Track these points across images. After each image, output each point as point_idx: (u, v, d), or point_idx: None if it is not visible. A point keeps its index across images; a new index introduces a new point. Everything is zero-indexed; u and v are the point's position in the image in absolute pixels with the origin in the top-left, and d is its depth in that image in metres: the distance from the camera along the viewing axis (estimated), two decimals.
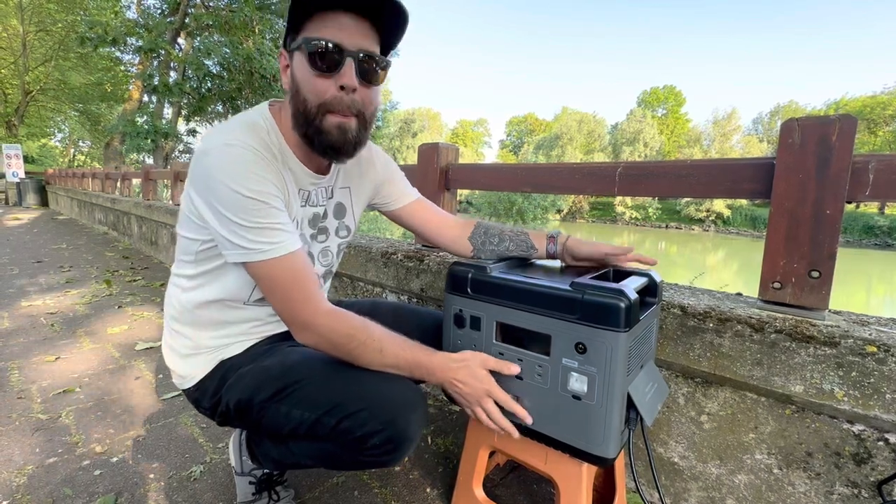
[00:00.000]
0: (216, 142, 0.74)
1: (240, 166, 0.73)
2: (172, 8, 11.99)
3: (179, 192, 4.50)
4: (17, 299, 2.90)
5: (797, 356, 0.91)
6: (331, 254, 1.00)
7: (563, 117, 52.03)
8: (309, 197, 0.91)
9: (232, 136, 0.75)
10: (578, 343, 0.76)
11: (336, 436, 0.77)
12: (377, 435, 0.75)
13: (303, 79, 0.76)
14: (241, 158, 0.74)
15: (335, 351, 0.80)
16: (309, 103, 0.77)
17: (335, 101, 0.76)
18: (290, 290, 0.76)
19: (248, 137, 0.76)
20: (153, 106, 12.74)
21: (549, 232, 1.01)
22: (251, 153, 0.75)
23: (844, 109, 40.56)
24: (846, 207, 0.97)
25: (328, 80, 0.75)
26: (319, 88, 0.76)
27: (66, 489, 1.14)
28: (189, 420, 1.48)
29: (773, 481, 0.98)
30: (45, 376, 1.78)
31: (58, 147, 34.91)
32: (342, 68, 0.75)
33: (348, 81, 0.75)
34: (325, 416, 0.77)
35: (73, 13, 14.99)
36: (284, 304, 0.78)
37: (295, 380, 0.81)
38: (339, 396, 0.77)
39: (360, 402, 0.76)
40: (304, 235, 0.92)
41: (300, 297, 0.77)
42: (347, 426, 0.75)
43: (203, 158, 0.74)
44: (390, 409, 0.76)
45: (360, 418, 0.75)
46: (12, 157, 12.56)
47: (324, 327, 0.78)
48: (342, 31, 0.74)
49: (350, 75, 0.75)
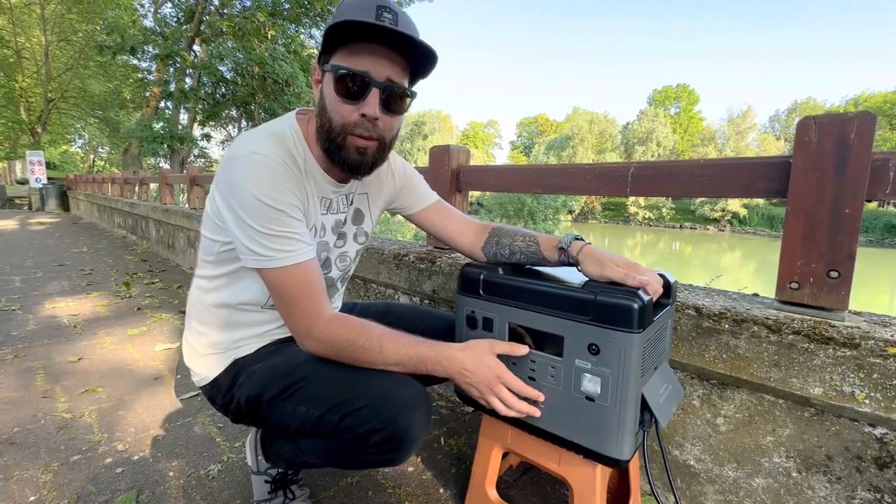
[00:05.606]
0: (244, 149, 0.78)
1: (263, 175, 0.76)
2: (188, 16, 12.24)
3: (195, 196, 4.58)
4: (41, 301, 2.99)
5: (816, 358, 0.90)
6: (348, 258, 1.03)
7: (574, 117, 51.75)
8: (331, 205, 0.94)
9: (259, 146, 0.78)
10: (592, 344, 0.76)
11: (339, 432, 0.79)
12: (378, 433, 0.76)
13: (330, 100, 0.79)
14: (266, 168, 0.77)
15: (337, 356, 0.82)
16: (333, 123, 0.80)
17: (357, 125, 0.79)
18: (297, 298, 0.79)
19: (274, 147, 0.80)
20: (170, 112, 13.00)
21: (561, 241, 0.89)
22: (276, 164, 0.78)
23: (864, 105, 39.54)
24: (867, 206, 0.95)
25: (352, 107, 0.78)
26: (344, 112, 0.79)
27: (90, 486, 1.17)
28: (206, 420, 1.51)
29: (792, 485, 0.97)
30: (69, 376, 1.83)
31: (78, 153, 35.86)
32: (367, 98, 0.77)
33: (371, 111, 0.78)
34: (329, 412, 0.79)
35: (93, 23, 15.41)
36: (290, 311, 0.81)
37: (301, 377, 0.84)
38: (343, 394, 0.79)
39: (363, 399, 0.77)
40: (326, 243, 0.95)
41: (306, 305, 0.80)
42: (350, 423, 0.77)
43: (230, 163, 0.78)
44: (392, 408, 0.77)
45: (362, 416, 0.76)
46: (35, 164, 12.94)
47: (324, 334, 0.80)
48: (371, 60, 0.76)
49: (373, 105, 0.78)
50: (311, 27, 12.94)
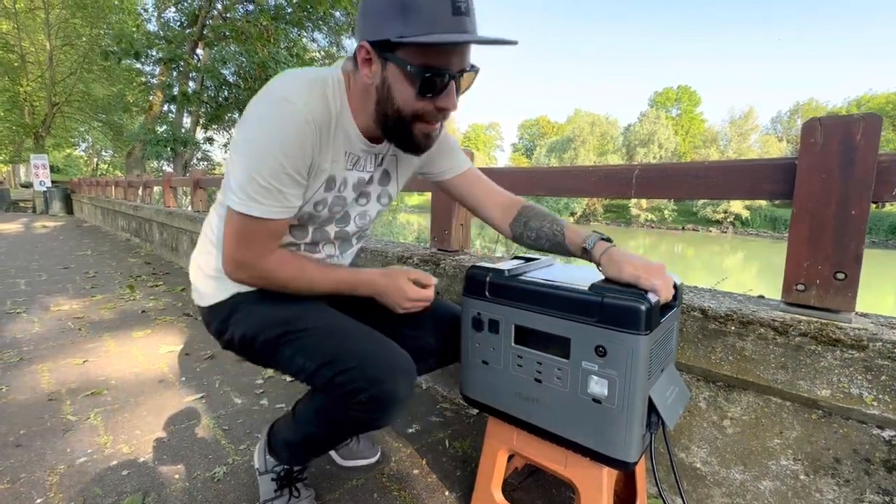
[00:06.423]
0: (278, 92, 0.77)
1: (284, 128, 0.75)
2: (191, 20, 12.33)
3: (198, 199, 4.60)
4: (46, 304, 3.00)
5: (823, 360, 0.90)
6: (368, 217, 1.03)
7: (575, 119, 51.71)
8: (358, 161, 0.91)
9: (293, 93, 0.76)
10: (598, 346, 0.76)
11: (331, 388, 0.85)
12: (364, 392, 0.82)
13: (400, 92, 0.76)
14: (290, 121, 0.75)
15: (266, 287, 0.90)
16: (403, 113, 0.78)
17: (429, 114, 0.78)
18: (254, 240, 0.83)
19: (308, 97, 0.77)
20: (173, 115, 13.07)
21: (586, 241, 0.89)
22: (299, 119, 0.76)
23: (867, 106, 39.44)
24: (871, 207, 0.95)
25: (428, 101, 0.76)
26: (417, 106, 0.77)
27: (96, 488, 1.17)
28: (212, 422, 1.51)
29: (800, 488, 0.96)
30: (74, 379, 1.84)
31: (82, 156, 36.01)
32: (445, 93, 0.76)
33: (451, 106, 0.77)
34: (324, 367, 0.85)
35: (97, 27, 15.51)
36: (239, 247, 0.84)
37: (302, 328, 0.89)
38: (338, 351, 0.85)
39: (355, 359, 0.84)
40: (344, 198, 0.93)
41: (257, 246, 0.84)
42: (341, 380, 0.83)
43: (262, 100, 0.77)
44: (380, 371, 0.83)
45: (352, 374, 0.83)
46: (39, 167, 13.03)
47: (267, 269, 0.86)
48: (448, 55, 0.73)
49: (452, 100, 0.77)
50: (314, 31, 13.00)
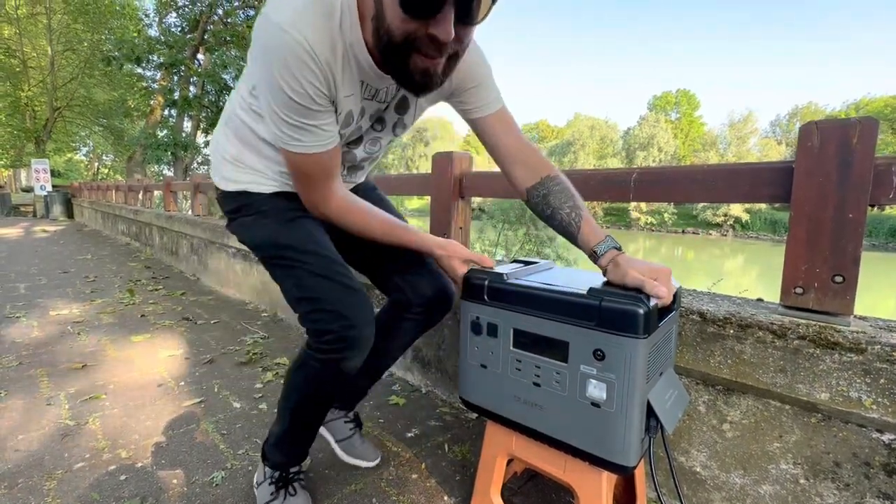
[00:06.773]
0: (278, 17, 0.68)
1: (287, 63, 0.69)
2: (192, 25, 12.40)
3: (199, 203, 4.61)
4: (45, 308, 3.00)
5: (822, 363, 0.89)
6: (380, 144, 1.02)
7: (575, 123, 51.86)
8: (377, 94, 0.86)
9: (294, 22, 0.67)
10: (597, 350, 0.76)
11: (306, 322, 0.93)
12: (332, 334, 0.90)
13: (389, 7, 0.63)
14: (292, 56, 0.68)
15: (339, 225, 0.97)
16: (394, 37, 0.65)
17: (422, 42, 0.64)
18: (312, 178, 0.89)
19: (310, 28, 0.68)
20: (173, 120, 13.12)
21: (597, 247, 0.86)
22: (300, 53, 0.68)
23: (865, 110, 39.52)
24: (870, 210, 0.95)
25: (419, 24, 0.62)
26: (408, 28, 0.64)
27: (94, 494, 1.17)
28: (210, 427, 1.51)
29: (800, 492, 0.96)
30: (73, 383, 1.84)
31: (83, 161, 36.12)
32: (440, 15, 0.61)
33: (444, 35, 0.62)
34: (305, 301, 0.93)
35: (99, 32, 15.60)
36: (304, 187, 0.91)
37: (296, 258, 0.94)
38: (321, 290, 0.91)
39: (332, 304, 0.90)
40: (360, 127, 0.91)
41: (318, 186, 0.90)
42: (316, 317, 0.91)
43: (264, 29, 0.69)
44: (349, 318, 0.90)
45: (326, 316, 0.90)
46: (40, 172, 13.04)
47: (331, 213, 0.95)
48: None
49: (447, 26, 0.61)
50: None
